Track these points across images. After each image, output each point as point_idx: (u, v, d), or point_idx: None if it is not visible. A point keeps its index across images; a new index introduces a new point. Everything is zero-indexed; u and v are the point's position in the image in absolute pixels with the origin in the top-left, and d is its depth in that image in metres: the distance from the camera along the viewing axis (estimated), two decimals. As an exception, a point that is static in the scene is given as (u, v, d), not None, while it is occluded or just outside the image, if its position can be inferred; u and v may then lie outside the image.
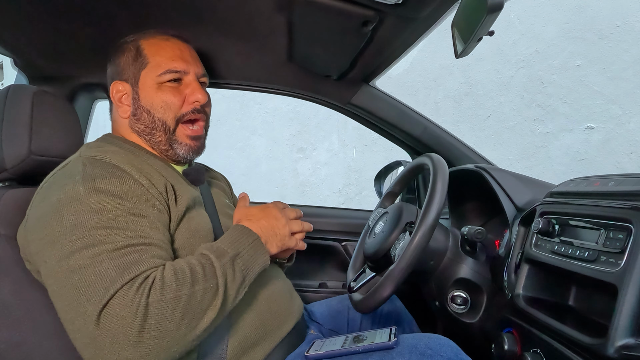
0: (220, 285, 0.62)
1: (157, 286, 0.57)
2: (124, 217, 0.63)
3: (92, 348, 0.55)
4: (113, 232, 0.60)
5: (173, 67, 0.81)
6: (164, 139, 0.82)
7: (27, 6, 0.82)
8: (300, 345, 0.84)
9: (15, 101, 0.80)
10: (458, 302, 0.89)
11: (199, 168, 0.88)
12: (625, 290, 0.55)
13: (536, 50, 2.31)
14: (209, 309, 0.60)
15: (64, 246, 0.59)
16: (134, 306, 0.54)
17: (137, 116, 0.82)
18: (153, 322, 0.55)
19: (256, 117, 3.96)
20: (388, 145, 1.71)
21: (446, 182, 0.78)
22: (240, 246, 0.69)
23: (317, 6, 0.77)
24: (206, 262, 0.64)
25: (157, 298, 0.56)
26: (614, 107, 2.06)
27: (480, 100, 2.56)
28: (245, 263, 0.68)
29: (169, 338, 0.56)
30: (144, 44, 0.83)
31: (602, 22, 2.08)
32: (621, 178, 0.69)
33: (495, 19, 0.57)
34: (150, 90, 0.81)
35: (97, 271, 0.56)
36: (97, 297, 0.55)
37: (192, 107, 0.83)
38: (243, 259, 0.67)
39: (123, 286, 0.56)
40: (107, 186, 0.65)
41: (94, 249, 0.58)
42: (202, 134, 0.87)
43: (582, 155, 2.17)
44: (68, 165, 0.71)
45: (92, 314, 0.54)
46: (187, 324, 0.58)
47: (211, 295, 0.61)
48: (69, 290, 0.57)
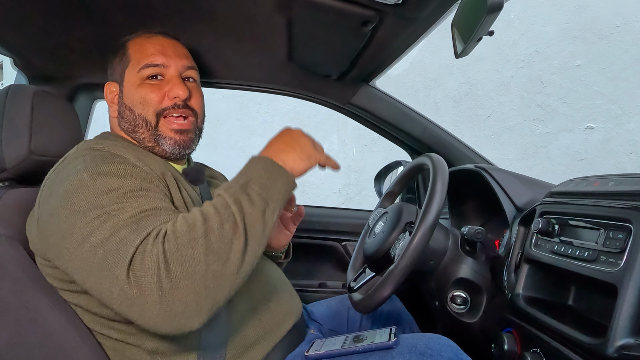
0: (237, 212, 0.60)
1: (169, 234, 0.58)
2: (132, 192, 0.64)
3: (135, 307, 0.56)
4: (125, 205, 0.61)
5: (151, 60, 0.81)
6: (147, 135, 0.82)
7: (27, 6, 0.82)
8: (300, 345, 0.84)
9: (15, 101, 0.80)
10: (458, 302, 0.89)
11: (198, 168, 0.88)
12: (625, 290, 0.55)
13: (536, 50, 2.31)
14: (233, 238, 0.59)
15: (82, 228, 0.60)
16: (154, 256, 0.55)
17: (122, 114, 0.83)
18: (177, 266, 0.55)
19: (256, 117, 3.96)
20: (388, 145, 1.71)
21: (446, 182, 0.78)
22: (250, 173, 0.65)
23: (317, 6, 0.77)
24: (217, 198, 0.63)
25: (172, 244, 0.56)
26: (613, 107, 2.06)
27: (480, 100, 2.56)
28: (261, 186, 0.64)
29: (200, 277, 0.56)
30: (130, 44, 0.84)
31: (602, 22, 2.08)
32: (621, 178, 0.69)
33: (495, 19, 0.57)
34: (132, 88, 0.82)
35: (118, 239, 0.58)
36: (122, 260, 0.56)
37: (173, 102, 0.81)
38: (257, 183, 0.64)
39: (141, 242, 0.57)
40: (109, 169, 0.66)
41: (110, 222, 0.59)
42: (189, 127, 0.84)
43: (582, 155, 2.17)
44: (67, 159, 0.72)
45: (121, 276, 0.56)
46: (214, 259, 0.57)
47: (231, 225, 0.59)
48: (98, 264, 0.58)
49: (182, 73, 0.84)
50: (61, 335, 0.67)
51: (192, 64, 0.87)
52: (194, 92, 0.86)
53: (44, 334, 0.67)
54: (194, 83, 0.88)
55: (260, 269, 0.84)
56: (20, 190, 0.79)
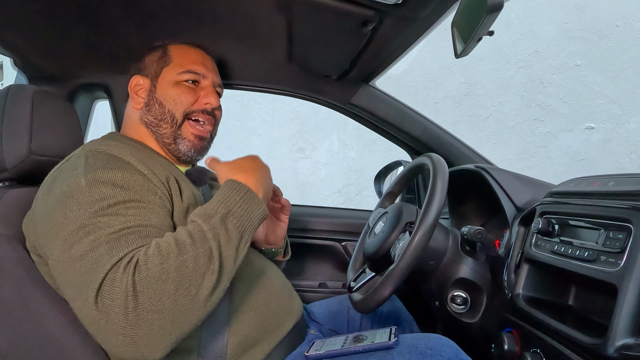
0: (214, 248, 0.60)
1: (141, 263, 0.56)
2: (124, 204, 0.64)
3: (101, 332, 0.56)
4: (112, 219, 0.61)
5: (194, 68, 0.87)
6: (169, 132, 0.85)
7: (27, 6, 0.82)
8: (301, 345, 0.84)
9: (15, 101, 0.80)
10: (458, 302, 0.89)
11: (201, 169, 0.90)
12: (625, 290, 0.55)
13: (536, 50, 2.31)
14: (205, 274, 0.58)
15: (67, 237, 0.60)
16: (122, 286, 0.55)
17: (149, 107, 0.86)
18: (145, 299, 0.54)
19: (256, 117, 3.96)
20: (388, 145, 1.71)
21: (446, 182, 0.78)
22: (230, 203, 0.65)
23: (317, 6, 0.77)
24: (194, 228, 0.61)
25: (143, 275, 0.55)
26: (613, 107, 2.06)
27: (480, 100, 2.56)
28: (239, 220, 0.64)
29: (169, 311, 0.55)
30: (172, 48, 0.90)
31: (602, 22, 2.08)
32: (621, 178, 0.69)
33: (495, 19, 0.57)
34: (167, 85, 0.86)
35: (94, 257, 0.57)
36: (93, 283, 0.56)
37: (203, 107, 0.87)
38: (236, 215, 0.64)
39: (112, 267, 0.56)
40: (108, 176, 0.66)
41: (92, 236, 0.59)
42: (207, 136, 0.89)
43: (582, 155, 2.17)
44: (71, 159, 0.72)
45: (90, 298, 0.55)
46: (184, 293, 0.56)
47: (205, 261, 0.59)
48: (74, 278, 0.58)
49: (215, 87, 0.91)
50: (61, 335, 0.67)
51: (221, 83, 0.94)
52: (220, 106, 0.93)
53: (44, 334, 0.67)
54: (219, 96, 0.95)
55: (260, 269, 0.84)
56: (20, 190, 0.79)
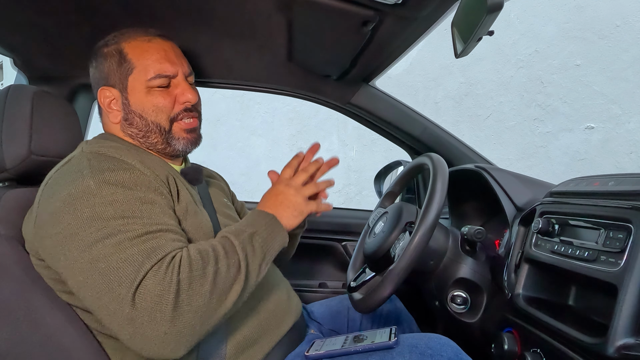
0: (242, 260, 0.65)
1: (185, 264, 0.60)
2: (137, 205, 0.65)
3: (131, 327, 0.57)
4: (130, 221, 0.62)
5: (162, 71, 0.80)
6: (160, 140, 0.83)
7: (27, 6, 0.82)
8: (300, 344, 0.84)
9: (15, 101, 0.80)
10: (458, 302, 0.89)
11: (196, 168, 0.88)
12: (625, 290, 0.55)
13: (536, 50, 2.31)
14: (234, 283, 0.63)
15: (84, 238, 0.60)
16: (167, 283, 0.57)
17: (129, 121, 0.82)
18: (185, 297, 0.57)
19: (256, 117, 3.96)
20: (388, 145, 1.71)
21: (446, 182, 0.78)
22: (257, 225, 0.71)
23: (317, 6, 0.77)
24: (226, 241, 0.67)
25: (187, 275, 0.59)
26: (613, 107, 2.06)
27: (480, 100, 2.56)
28: (264, 240, 0.70)
29: (202, 312, 0.59)
30: (127, 47, 0.81)
31: (602, 22, 2.08)
32: (621, 178, 0.69)
33: (495, 18, 0.57)
34: (140, 95, 0.81)
35: (123, 257, 0.58)
36: (128, 280, 0.57)
37: (183, 106, 0.83)
38: (261, 236, 0.70)
39: (153, 266, 0.58)
40: (116, 178, 0.66)
41: (115, 238, 0.60)
42: (196, 125, 0.87)
43: (582, 155, 2.17)
44: (72, 161, 0.71)
45: (126, 296, 0.56)
46: (216, 298, 0.61)
47: (235, 271, 0.64)
48: (97, 277, 0.58)
49: (187, 77, 0.85)
50: (61, 335, 0.67)
51: (191, 68, 0.88)
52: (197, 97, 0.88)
53: (44, 334, 0.67)
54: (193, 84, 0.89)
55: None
56: (21, 191, 0.79)
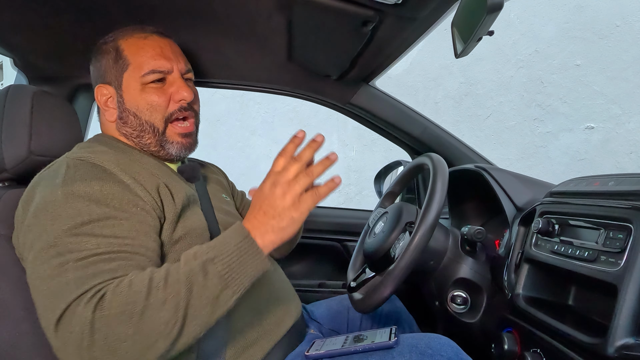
0: (183, 293, 0.55)
1: (105, 300, 0.54)
2: (99, 222, 0.61)
3: (56, 352, 0.56)
4: (84, 240, 0.59)
5: (156, 67, 0.79)
6: (153, 141, 0.81)
7: (26, 6, 0.82)
8: (300, 344, 0.84)
9: (15, 101, 0.80)
10: (458, 302, 0.89)
11: (193, 165, 0.87)
12: (625, 290, 0.55)
13: (536, 50, 2.31)
14: (168, 324, 0.54)
15: (37, 253, 0.60)
16: (81, 322, 0.53)
17: (124, 119, 0.80)
18: (101, 338, 0.52)
19: (256, 117, 3.96)
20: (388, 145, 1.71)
21: (446, 182, 0.78)
22: (221, 248, 0.59)
23: (317, 6, 0.77)
24: (174, 267, 0.58)
25: (104, 313, 0.53)
26: (613, 107, 2.06)
27: (480, 100, 2.56)
28: (227, 267, 0.58)
29: (124, 354, 0.53)
30: (123, 44, 0.80)
31: (602, 22, 2.08)
32: (621, 178, 0.69)
33: (495, 18, 0.57)
34: (134, 93, 0.79)
35: (61, 282, 0.56)
36: (55, 309, 0.55)
37: (179, 105, 0.81)
38: (224, 263, 0.58)
39: (74, 300, 0.54)
40: (85, 189, 0.63)
41: (62, 258, 0.58)
42: (192, 130, 0.85)
43: (582, 155, 2.17)
44: (53, 167, 0.71)
45: (51, 323, 0.55)
46: (142, 340, 0.53)
47: (171, 308, 0.54)
48: (40, 298, 0.58)
49: (184, 75, 0.83)
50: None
51: (189, 65, 0.86)
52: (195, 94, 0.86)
53: (44, 334, 0.67)
54: (191, 83, 0.87)
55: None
56: (20, 191, 0.78)
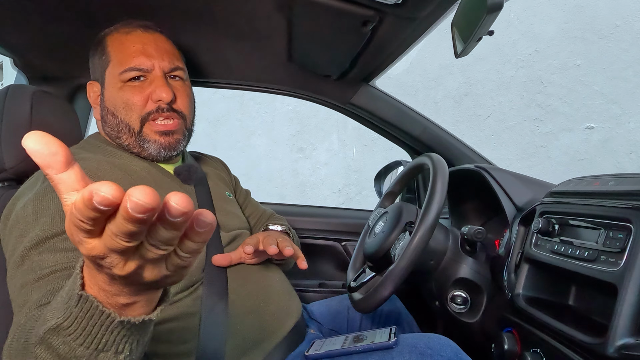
0: None
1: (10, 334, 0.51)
2: (62, 235, 0.59)
3: None
4: (44, 258, 0.57)
5: (134, 64, 0.74)
6: (131, 141, 0.77)
7: (27, 6, 0.82)
8: (300, 344, 0.84)
9: (15, 101, 0.80)
10: (458, 301, 0.89)
11: (190, 165, 0.84)
12: (625, 289, 0.55)
13: (536, 50, 2.31)
14: None
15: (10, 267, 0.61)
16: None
17: (104, 118, 0.78)
18: None
19: (256, 117, 3.96)
20: (388, 145, 1.71)
21: (446, 181, 0.78)
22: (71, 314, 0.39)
23: (317, 6, 0.77)
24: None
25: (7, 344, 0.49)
26: (613, 107, 2.06)
27: (480, 100, 2.56)
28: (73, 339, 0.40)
29: None
30: (108, 40, 0.77)
31: (601, 22, 2.08)
32: (621, 178, 0.69)
33: (495, 18, 0.57)
34: (113, 90, 0.76)
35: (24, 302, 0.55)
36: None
37: (156, 105, 0.76)
38: (73, 335, 0.39)
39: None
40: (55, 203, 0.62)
41: (25, 277, 0.56)
42: (175, 128, 0.78)
43: (582, 155, 2.17)
44: (33, 178, 0.71)
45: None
46: None
47: None
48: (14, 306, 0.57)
49: (167, 73, 0.79)
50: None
51: (178, 62, 0.80)
52: (180, 93, 0.79)
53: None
54: (180, 81, 0.81)
55: (258, 270, 0.83)
56: (20, 190, 0.79)
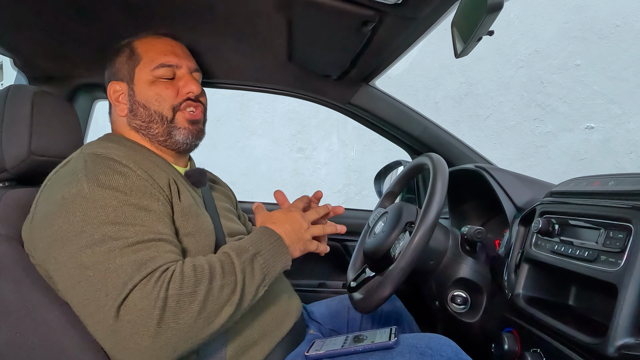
0: (239, 282, 0.63)
1: (176, 279, 0.58)
2: (131, 212, 0.64)
3: (113, 339, 0.57)
4: (122, 228, 0.61)
5: (166, 61, 0.83)
6: (161, 130, 0.83)
7: (27, 6, 0.82)
8: (300, 344, 0.84)
9: (15, 101, 0.80)
10: (458, 301, 0.89)
11: (200, 170, 0.89)
12: (625, 289, 0.55)
13: (536, 50, 2.31)
14: (226, 305, 0.61)
15: (74, 243, 0.60)
16: (153, 298, 0.56)
17: (134, 112, 0.84)
18: (171, 314, 0.56)
19: (256, 117, 3.96)
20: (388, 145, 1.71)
21: (446, 181, 0.78)
22: (261, 245, 0.70)
23: (317, 6, 0.77)
24: (226, 259, 0.65)
25: (176, 291, 0.57)
26: (613, 106, 2.06)
27: (480, 100, 2.56)
28: (266, 262, 0.68)
29: (186, 330, 0.57)
30: (137, 43, 0.86)
31: (601, 22, 2.08)
32: (621, 178, 0.69)
33: (495, 18, 0.57)
34: (144, 86, 0.83)
35: (112, 267, 0.58)
36: (115, 292, 0.56)
37: (186, 97, 0.85)
38: (264, 257, 0.68)
39: (142, 280, 0.57)
40: (110, 182, 0.65)
41: (105, 245, 0.59)
42: (200, 118, 0.88)
43: (582, 155, 2.17)
44: (70, 162, 0.71)
45: (111, 308, 0.56)
46: (204, 318, 0.59)
47: (229, 292, 0.62)
48: (85, 285, 0.58)
49: (192, 73, 0.88)
50: (61, 335, 0.67)
51: (198, 66, 0.91)
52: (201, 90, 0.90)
53: (44, 334, 0.67)
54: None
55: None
56: (21, 191, 0.79)
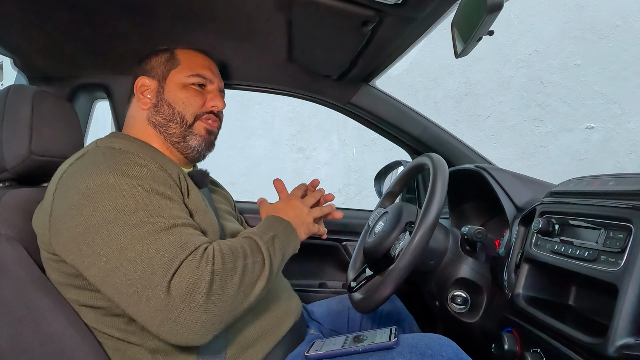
0: (266, 259, 0.70)
1: (218, 256, 0.64)
2: (158, 200, 0.66)
3: (164, 314, 0.59)
4: (154, 214, 0.64)
5: (202, 73, 0.89)
6: (178, 132, 0.86)
7: (27, 6, 0.82)
8: (300, 344, 0.84)
9: (15, 101, 0.80)
10: (458, 301, 0.89)
11: (203, 172, 0.91)
12: (625, 289, 0.55)
13: (536, 50, 2.31)
14: (259, 279, 0.68)
15: (110, 228, 0.61)
16: (201, 272, 0.60)
17: (158, 107, 0.87)
18: (217, 287, 0.61)
19: (256, 117, 3.96)
20: (388, 145, 1.71)
21: (446, 181, 0.78)
22: (276, 229, 0.77)
23: (317, 6, 0.77)
24: (250, 241, 0.71)
25: (220, 267, 0.62)
26: (613, 106, 2.06)
27: (480, 100, 2.56)
28: (282, 243, 0.75)
29: (230, 302, 0.62)
30: (179, 52, 0.92)
31: (601, 22, 2.08)
32: (621, 178, 0.69)
33: (495, 18, 0.57)
34: (175, 87, 0.88)
35: (154, 247, 0.60)
36: (163, 268, 0.59)
37: (210, 110, 0.90)
38: (280, 239, 0.75)
39: (187, 256, 0.61)
40: (133, 172, 0.67)
41: (142, 229, 0.62)
42: (215, 131, 0.94)
43: (582, 155, 2.17)
44: (87, 155, 0.71)
45: (161, 284, 0.58)
46: (243, 291, 0.65)
47: (260, 267, 0.68)
48: (128, 265, 0.60)
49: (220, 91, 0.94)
50: (62, 335, 0.67)
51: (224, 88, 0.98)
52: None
53: (45, 334, 0.68)
54: None
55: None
56: (21, 191, 0.79)
